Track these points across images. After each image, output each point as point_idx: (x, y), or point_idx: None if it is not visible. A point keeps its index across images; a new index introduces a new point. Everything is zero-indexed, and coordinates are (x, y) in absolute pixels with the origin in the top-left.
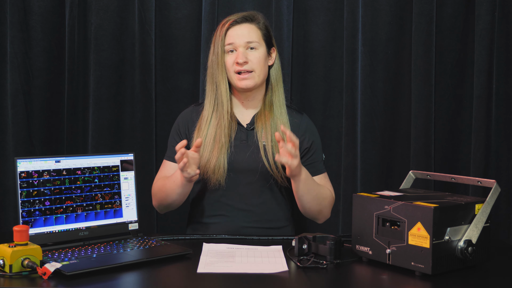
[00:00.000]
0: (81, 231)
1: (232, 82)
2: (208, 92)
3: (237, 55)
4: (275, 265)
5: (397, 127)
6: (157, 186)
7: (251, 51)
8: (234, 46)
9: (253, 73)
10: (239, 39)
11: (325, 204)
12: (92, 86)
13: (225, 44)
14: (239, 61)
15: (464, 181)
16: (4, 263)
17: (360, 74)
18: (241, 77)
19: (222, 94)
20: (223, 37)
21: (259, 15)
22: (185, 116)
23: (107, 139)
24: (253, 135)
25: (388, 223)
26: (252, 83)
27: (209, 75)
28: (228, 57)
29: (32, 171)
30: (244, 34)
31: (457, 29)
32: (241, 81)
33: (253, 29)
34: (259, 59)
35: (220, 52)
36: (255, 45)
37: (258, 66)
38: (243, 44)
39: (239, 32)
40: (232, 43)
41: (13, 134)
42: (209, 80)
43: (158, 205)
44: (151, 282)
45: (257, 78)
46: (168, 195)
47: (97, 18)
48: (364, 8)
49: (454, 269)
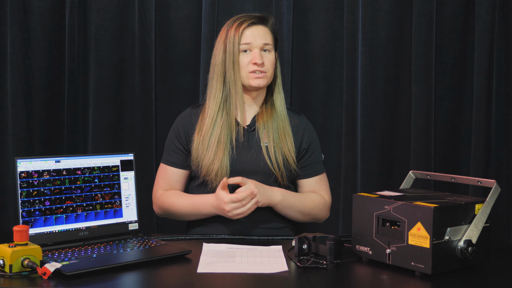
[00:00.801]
0: (81, 231)
1: (244, 81)
2: (215, 91)
3: (254, 55)
4: (275, 265)
5: (397, 127)
6: (168, 202)
7: (265, 53)
8: (251, 46)
9: (266, 74)
10: (256, 40)
11: (316, 212)
12: (92, 86)
13: (241, 43)
14: (258, 61)
15: (464, 181)
16: (4, 263)
17: (360, 74)
18: (256, 76)
19: (238, 93)
20: (240, 37)
21: (272, 18)
22: (183, 119)
23: (107, 139)
24: (254, 136)
25: (388, 223)
26: (264, 82)
27: (217, 73)
28: (242, 56)
29: (32, 171)
30: (260, 36)
31: (457, 29)
32: (255, 80)
33: (267, 32)
34: (272, 62)
35: (236, 51)
36: (269, 48)
37: (271, 69)
38: (260, 45)
39: (255, 33)
40: (249, 43)
41: (13, 134)
42: (217, 78)
43: (163, 214)
44: (151, 282)
45: (269, 79)
46: (185, 216)
47: (97, 18)
48: (364, 8)
49: (454, 269)
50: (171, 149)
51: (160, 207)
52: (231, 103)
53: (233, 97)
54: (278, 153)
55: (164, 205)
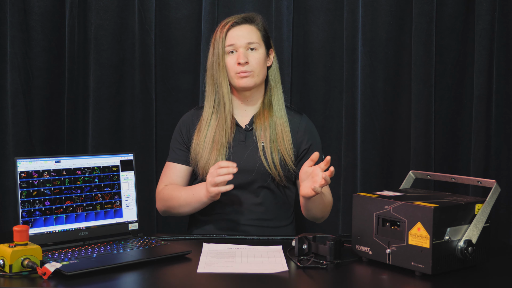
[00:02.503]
0: (81, 231)
1: (232, 82)
2: (208, 93)
3: (238, 55)
4: (275, 265)
5: (397, 127)
6: (168, 194)
7: (251, 52)
8: (235, 47)
9: (253, 73)
10: (240, 40)
11: (328, 210)
12: (92, 86)
13: (225, 45)
14: (241, 61)
15: (464, 181)
16: (4, 263)
17: (360, 74)
18: (242, 75)
19: (224, 95)
20: (224, 38)
21: (258, 16)
22: (186, 119)
23: (107, 139)
24: (252, 136)
25: (388, 223)
26: (251, 82)
27: (209, 76)
28: (229, 58)
29: (32, 171)
30: (244, 35)
31: (457, 29)
32: (241, 80)
33: (253, 30)
34: (259, 60)
35: (221, 53)
36: (255, 46)
37: (258, 67)
38: (244, 45)
39: (239, 33)
40: (233, 44)
41: (13, 134)
42: (209, 81)
43: (166, 210)
44: (151, 282)
45: (256, 77)
46: (182, 206)
47: (97, 18)
48: (364, 8)
49: (454, 269)
50: (175, 147)
51: (161, 201)
52: (224, 104)
53: (223, 98)
54: (274, 153)
55: (164, 197)
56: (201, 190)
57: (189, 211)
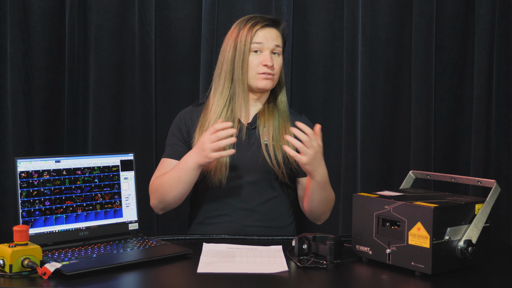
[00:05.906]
0: (81, 231)
1: (251, 81)
2: (221, 88)
3: (265, 57)
4: (275, 265)
5: (397, 127)
6: (158, 182)
7: (274, 56)
8: (262, 47)
9: (274, 77)
10: (269, 42)
11: (330, 206)
12: (92, 86)
13: (252, 42)
14: (269, 63)
15: (464, 181)
16: (4, 263)
17: (360, 74)
18: (264, 77)
19: (243, 92)
20: (252, 36)
21: (283, 23)
22: (185, 116)
23: (107, 139)
24: (255, 134)
25: (388, 223)
26: (271, 84)
27: (225, 70)
28: (253, 56)
29: (32, 171)
30: (273, 38)
31: (457, 29)
32: (263, 81)
33: (279, 35)
34: (280, 65)
35: (247, 50)
36: (279, 51)
37: (278, 72)
38: (272, 47)
39: (268, 34)
40: (261, 43)
41: (13, 134)
42: (226, 75)
43: (157, 203)
44: (151, 282)
45: (275, 82)
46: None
47: (97, 18)
48: (364, 8)
49: (454, 269)
50: (172, 143)
51: (153, 194)
52: (236, 101)
53: (239, 96)
54: (277, 150)
55: (155, 186)
56: (189, 159)
57: (182, 190)
